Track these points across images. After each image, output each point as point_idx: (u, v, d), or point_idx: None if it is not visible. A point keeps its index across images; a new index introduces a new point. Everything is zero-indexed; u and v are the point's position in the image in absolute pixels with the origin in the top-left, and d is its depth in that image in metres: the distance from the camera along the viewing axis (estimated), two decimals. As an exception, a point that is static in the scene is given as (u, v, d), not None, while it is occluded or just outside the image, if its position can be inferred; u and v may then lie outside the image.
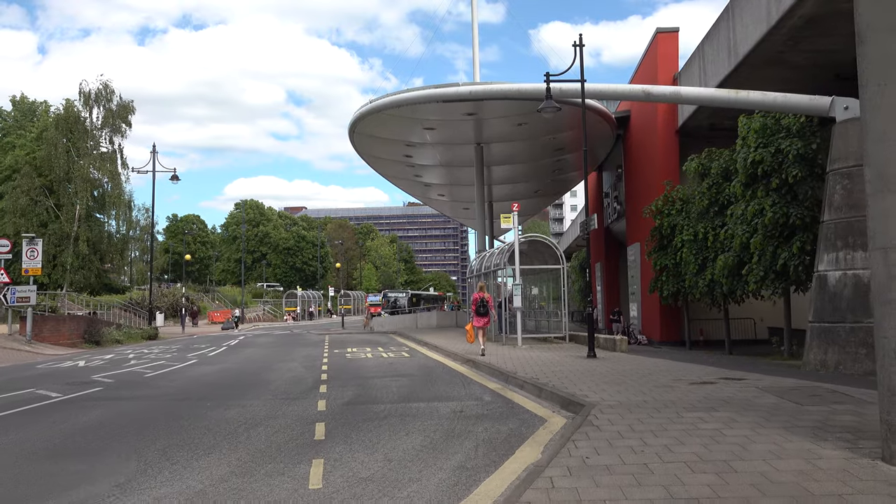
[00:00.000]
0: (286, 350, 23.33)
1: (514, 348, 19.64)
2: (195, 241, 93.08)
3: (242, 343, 28.47)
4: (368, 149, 37.93)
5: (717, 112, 26.55)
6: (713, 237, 21.50)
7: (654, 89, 17.95)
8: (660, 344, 29.54)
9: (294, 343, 27.76)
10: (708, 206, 22.19)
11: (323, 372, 15.28)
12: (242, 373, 15.86)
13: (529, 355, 16.93)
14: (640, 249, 32.85)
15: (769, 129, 17.40)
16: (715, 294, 21.58)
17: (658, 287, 27.09)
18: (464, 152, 35.34)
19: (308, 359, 19.03)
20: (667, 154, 29.82)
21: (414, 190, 52.76)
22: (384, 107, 27.03)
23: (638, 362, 14.73)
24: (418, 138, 33.23)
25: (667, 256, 26.26)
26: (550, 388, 10.51)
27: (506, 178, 42.97)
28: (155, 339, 34.17)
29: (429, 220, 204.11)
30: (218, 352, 23.13)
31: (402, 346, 24.11)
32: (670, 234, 26.01)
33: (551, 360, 15.39)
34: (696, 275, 22.61)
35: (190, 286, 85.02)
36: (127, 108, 36.62)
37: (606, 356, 16.51)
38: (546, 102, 15.88)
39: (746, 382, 10.67)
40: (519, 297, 20.04)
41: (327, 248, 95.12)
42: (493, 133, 32.44)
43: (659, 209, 26.85)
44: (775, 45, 19.60)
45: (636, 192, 34.20)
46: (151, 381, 14.27)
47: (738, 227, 18.49)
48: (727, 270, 19.25)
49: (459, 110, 26.65)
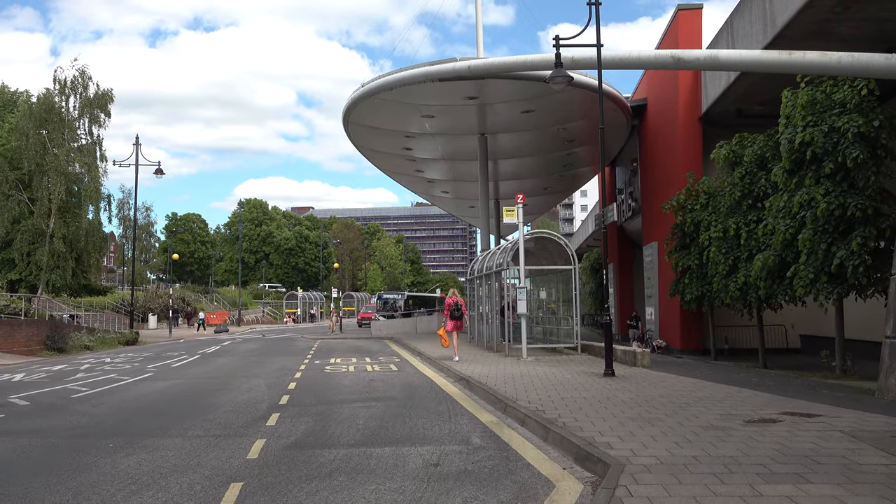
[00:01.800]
0: (262, 360, 20.80)
1: (517, 361, 17.00)
2: (195, 240, 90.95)
3: (221, 350, 25.95)
4: (365, 141, 35.37)
5: (746, 95, 23.84)
6: (747, 234, 18.79)
7: (685, 54, 15.25)
8: (680, 352, 26.82)
9: (277, 351, 25.21)
10: (740, 198, 19.48)
11: (287, 392, 12.72)
12: (193, 392, 13.31)
13: (535, 372, 14.29)
14: (658, 249, 30.14)
15: (819, 105, 14.69)
16: (749, 299, 18.86)
17: (679, 290, 24.38)
18: (467, 144, 32.73)
19: (280, 372, 16.47)
20: (689, 144, 27.09)
21: (417, 187, 50.17)
22: (376, 90, 24.46)
23: (667, 383, 12.06)
24: (417, 128, 30.65)
25: (690, 256, 23.56)
26: (560, 427, 7.89)
27: (513, 174, 40.34)
28: (133, 345, 31.76)
29: (437, 221, 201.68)
30: (186, 362, 20.61)
31: (394, 355, 21.52)
32: (694, 231, 23.30)
33: (561, 380, 12.74)
34: (725, 277, 19.90)
35: (189, 287, 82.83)
36: (106, 96, 34.19)
37: (627, 373, 13.85)
38: (556, 71, 13.25)
39: (822, 421, 8.01)
40: (524, 301, 17.41)
41: (330, 248, 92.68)
42: (498, 122, 29.82)
43: (681, 204, 24.14)
44: (822, 10, 16.86)
45: (653, 186, 31.48)
46: (73, 405, 11.73)
47: (780, 221, 15.79)
48: (766, 272, 16.53)
49: (459, 93, 24.04)
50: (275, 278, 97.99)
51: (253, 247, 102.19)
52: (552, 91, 25.08)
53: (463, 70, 19.56)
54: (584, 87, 24.04)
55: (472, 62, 19.57)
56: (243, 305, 77.73)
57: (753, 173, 19.20)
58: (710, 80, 25.12)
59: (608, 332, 13.74)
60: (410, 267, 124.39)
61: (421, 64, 21.21)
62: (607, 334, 13.67)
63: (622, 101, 29.02)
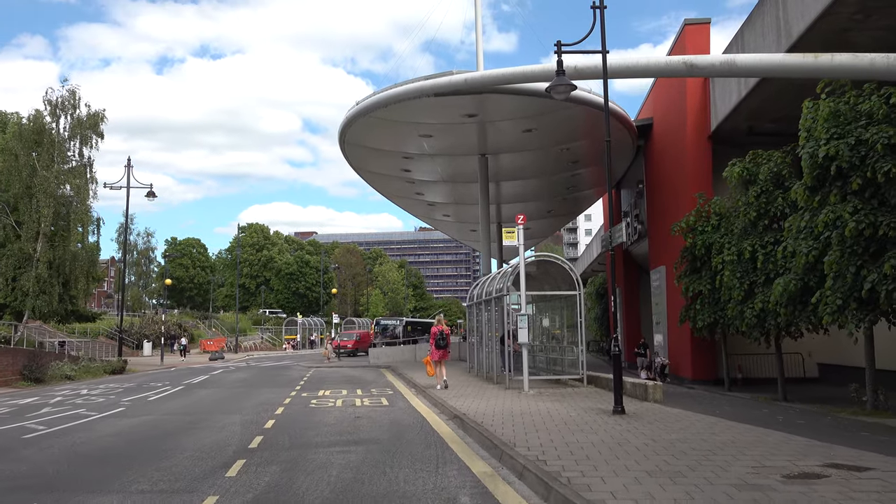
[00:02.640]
0: (248, 392, 19.52)
1: (518, 395, 15.70)
2: (195, 265, 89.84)
3: (208, 381, 24.66)
4: (363, 162, 34.38)
5: (758, 111, 22.78)
6: (764, 257, 17.58)
7: (698, 59, 14.14)
8: (692, 382, 25.47)
9: (266, 381, 23.91)
10: (756, 219, 18.30)
11: (262, 432, 11.46)
12: (158, 432, 12.05)
13: (537, 408, 13.01)
14: (667, 273, 28.91)
15: (844, 117, 13.55)
16: (767, 327, 17.57)
17: (690, 317, 23.11)
18: (467, 165, 31.70)
19: (261, 407, 15.19)
20: (698, 163, 25.99)
21: (417, 210, 49.12)
22: (371, 107, 23.46)
23: (684, 423, 10.77)
24: (416, 148, 29.63)
25: (701, 281, 22.33)
26: (563, 484, 6.62)
27: (515, 197, 39.23)
28: (120, 374, 30.44)
29: (440, 246, 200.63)
30: (167, 394, 19.33)
31: (387, 387, 20.22)
32: (705, 254, 22.10)
33: (565, 419, 11.46)
34: (741, 303, 18.63)
35: (188, 313, 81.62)
36: (97, 117, 33.19)
37: (638, 410, 12.56)
38: (557, 79, 12.16)
39: (877, 477, 6.73)
40: (525, 329, 16.14)
41: (331, 273, 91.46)
42: (499, 142, 28.80)
43: (691, 226, 22.97)
44: (841, 18, 15.83)
45: (660, 209, 30.35)
46: (19, 448, 10.48)
47: (802, 242, 14.57)
48: (787, 297, 15.27)
49: (458, 110, 23.02)
50: (275, 304, 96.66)
51: (254, 272, 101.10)
52: (554, 108, 24.12)
53: (459, 84, 18.53)
54: (587, 104, 23.05)
55: (468, 75, 18.53)
56: (242, 332, 76.39)
57: (770, 192, 18.04)
58: (719, 96, 24.08)
59: (617, 364, 12.48)
60: (413, 292, 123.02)
61: (416, 79, 20.23)
62: (616, 367, 12.41)
63: (627, 119, 27.99)
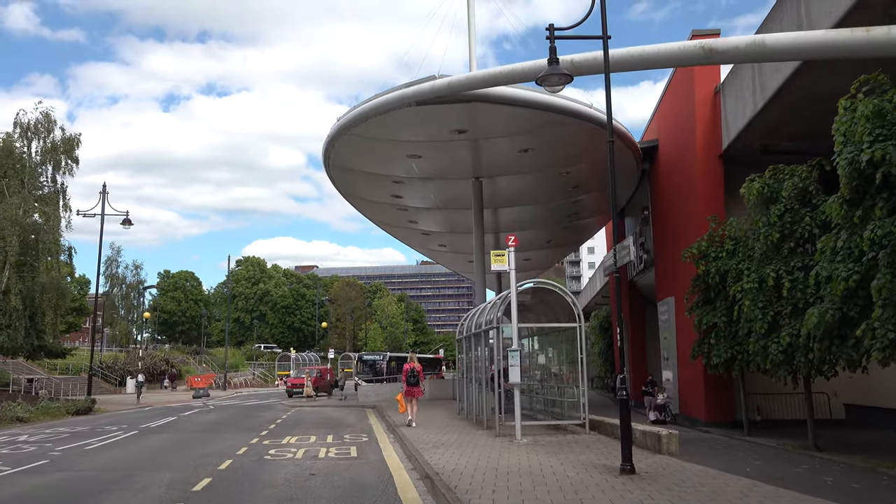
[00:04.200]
0: (203, 438, 17.23)
1: (509, 445, 13.44)
2: (187, 298, 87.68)
3: (170, 424, 22.36)
4: (352, 188, 32.48)
5: (774, 126, 20.73)
6: (790, 283, 15.38)
7: (719, 44, 12.09)
8: (706, 425, 23.05)
9: (234, 424, 21.61)
10: (779, 241, 16.14)
11: (186, 497, 9.26)
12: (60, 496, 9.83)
13: (528, 464, 10.75)
14: (676, 305, 26.67)
15: (889, 116, 11.51)
16: (796, 364, 15.29)
17: (704, 352, 20.80)
18: (461, 191, 29.72)
19: (205, 460, 12.93)
20: (709, 185, 23.90)
21: (412, 241, 47.11)
22: (351, 123, 21.55)
23: (712, 489, 8.53)
24: (404, 171, 27.67)
25: (716, 312, 20.08)
26: None
27: (512, 224, 37.11)
28: (87, 414, 28.12)
29: (442, 280, 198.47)
30: (111, 441, 17.05)
31: (364, 432, 17.93)
32: (720, 283, 19.90)
33: (561, 482, 9.21)
34: (764, 336, 16.38)
35: (179, 348, 79.32)
36: (72, 141, 31.44)
37: (651, 467, 10.31)
38: (550, 68, 10.17)
39: None
40: (517, 367, 13.93)
41: (327, 306, 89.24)
42: (494, 164, 26.85)
43: (703, 251, 20.81)
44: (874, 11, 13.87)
45: (668, 235, 28.22)
46: None
47: (840, 266, 12.43)
48: (822, 329, 13.05)
49: (445, 124, 21.08)
50: (270, 338, 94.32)
51: (249, 305, 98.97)
52: (551, 124, 22.20)
53: (442, 88, 16.58)
54: (586, 119, 21.19)
55: (452, 78, 16.61)
56: (234, 367, 74.04)
57: (795, 210, 15.92)
58: (731, 111, 22.14)
59: (625, 410, 10.24)
60: (413, 326, 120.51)
61: (396, 87, 18.35)
62: (624, 415, 10.17)
63: (631, 139, 26.05)
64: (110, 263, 75.51)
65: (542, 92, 19.88)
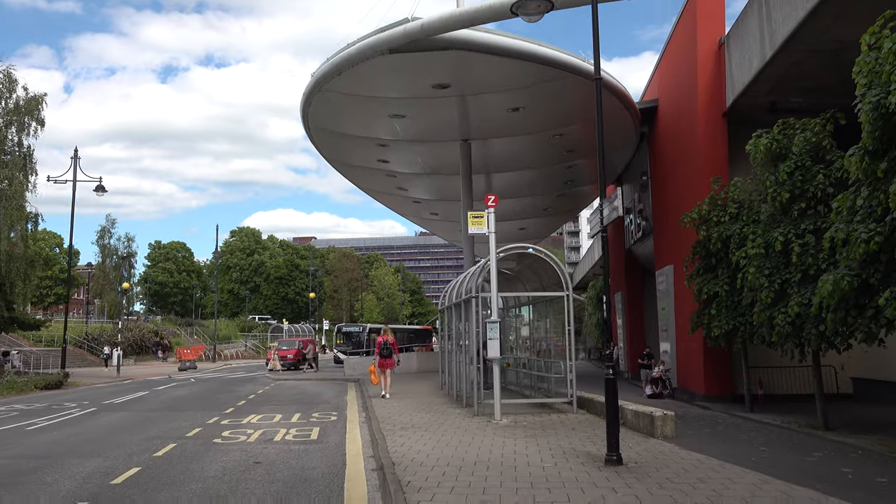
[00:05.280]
0: (161, 417, 15.90)
1: (486, 426, 12.10)
2: (179, 269, 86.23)
3: (135, 400, 21.06)
4: (336, 152, 30.91)
5: (783, 80, 19.14)
6: (801, 248, 13.92)
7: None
8: (704, 399, 21.77)
9: (201, 401, 20.27)
10: (789, 202, 14.64)
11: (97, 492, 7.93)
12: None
13: (499, 454, 9.39)
14: (675, 273, 25.27)
15: (921, 53, 9.95)
16: (806, 336, 13.87)
17: (704, 323, 19.43)
18: (450, 154, 28.12)
19: (146, 444, 11.59)
20: (711, 145, 22.33)
21: (404, 209, 45.57)
22: (324, 78, 19.93)
23: (710, 485, 7.16)
24: (388, 133, 26.09)
25: (717, 281, 18.67)
26: None
27: (505, 191, 35.47)
28: (58, 388, 26.89)
29: (440, 251, 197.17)
30: (59, 420, 15.69)
31: (336, 410, 16.60)
32: (721, 249, 18.45)
33: (533, 477, 7.85)
34: (770, 307, 14.96)
35: (171, 319, 78.17)
36: (37, 101, 29.73)
37: (641, 455, 8.96)
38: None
39: None
40: (496, 341, 12.54)
41: (321, 277, 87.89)
42: (483, 125, 25.24)
43: (704, 216, 19.34)
44: None
45: (667, 201, 26.72)
46: None
47: (860, 226, 10.95)
48: (838, 298, 11.59)
49: (426, 78, 19.46)
50: (265, 309, 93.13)
51: (244, 277, 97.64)
52: (541, 79, 20.59)
53: (415, 32, 14.92)
54: (579, 73, 19.54)
55: (424, 20, 14.95)
56: (227, 339, 73.06)
57: (806, 168, 14.39)
58: (737, 64, 20.50)
59: (611, 392, 8.83)
60: (410, 297, 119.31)
61: (368, 34, 16.65)
62: (611, 396, 8.77)
63: (628, 97, 24.38)
64: (103, 234, 74.12)
65: (527, 41, 18.29)
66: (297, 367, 39.32)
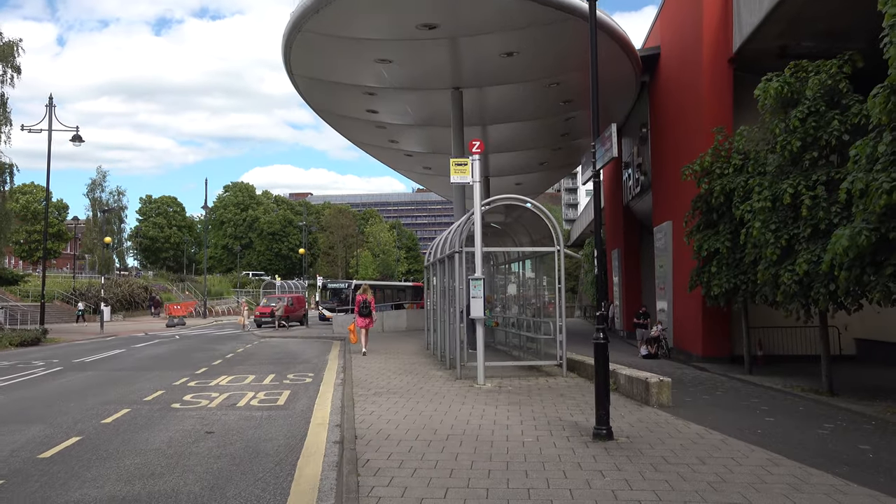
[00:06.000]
0: (127, 377, 14.98)
1: (468, 392, 11.19)
2: (170, 224, 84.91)
3: (107, 359, 20.20)
4: (324, 101, 29.53)
5: (796, 21, 17.86)
6: (811, 201, 12.85)
7: None
8: (701, 360, 20.99)
9: (176, 360, 19.38)
10: (800, 150, 13.51)
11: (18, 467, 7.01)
12: None
13: (476, 425, 8.47)
14: (674, 230, 24.28)
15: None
16: (815, 296, 12.88)
17: (703, 281, 18.51)
18: (442, 104, 26.79)
19: (96, 411, 10.68)
20: (715, 94, 21.10)
21: (397, 163, 44.20)
22: (303, 17, 18.57)
23: (710, 465, 6.25)
24: (376, 80, 24.72)
25: (719, 237, 17.70)
26: None
27: (501, 144, 34.30)
28: (35, 345, 26.04)
29: (438, 207, 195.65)
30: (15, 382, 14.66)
31: (314, 371, 15.69)
32: (724, 203, 17.42)
33: (511, 454, 6.92)
34: (775, 264, 13.95)
35: (163, 274, 77.32)
36: (11, 47, 28.23)
37: (634, 427, 8.05)
38: None
39: None
40: (480, 300, 11.55)
41: (315, 233, 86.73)
42: (475, 71, 23.86)
43: (706, 168, 18.25)
44: None
45: (668, 154, 25.56)
46: None
47: (880, 175, 9.88)
48: (854, 254, 10.56)
49: (412, 16, 18.15)
50: (258, 266, 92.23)
51: (238, 232, 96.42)
52: (537, 20, 19.25)
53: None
54: (576, 14, 18.18)
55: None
56: (219, 295, 72.30)
57: (820, 113, 13.22)
58: (745, 4, 19.15)
59: (601, 357, 7.84)
60: (406, 254, 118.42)
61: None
62: (601, 362, 7.78)
63: (628, 42, 22.98)
64: (94, 187, 72.73)
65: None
66: (285, 325, 38.58)
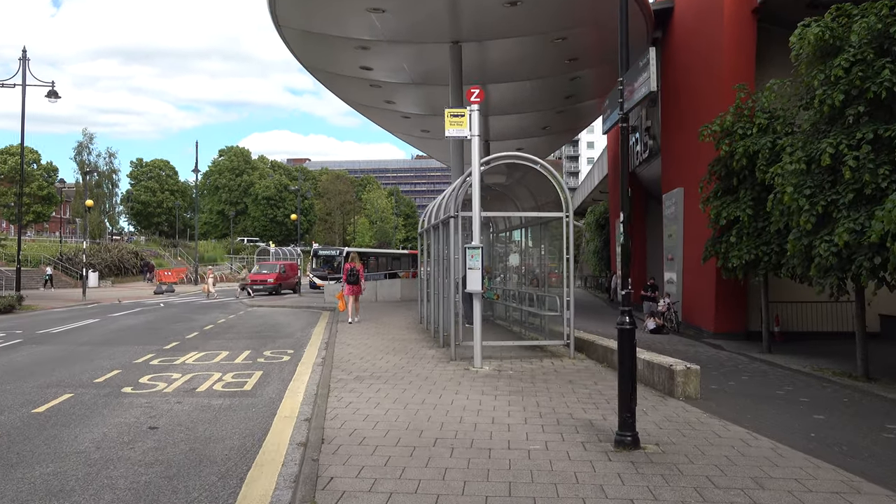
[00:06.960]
0: (86, 354, 13.55)
1: (463, 377, 9.77)
2: (163, 188, 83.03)
3: (75, 330, 18.76)
4: (315, 58, 27.73)
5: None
6: (855, 162, 11.29)
7: None
8: (713, 336, 19.64)
9: (147, 332, 17.91)
10: (843, 105, 11.90)
11: None
12: None
13: (470, 423, 7.05)
14: (686, 197, 22.81)
15: None
16: (856, 269, 11.38)
17: (720, 252, 17.05)
18: (440, 59, 25.04)
19: (32, 396, 9.26)
20: (737, 48, 19.42)
21: (395, 125, 42.35)
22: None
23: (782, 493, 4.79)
24: (369, 32, 22.95)
25: (739, 204, 16.19)
26: None
27: (501, 106, 32.55)
28: (9, 313, 24.64)
29: (437, 174, 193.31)
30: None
31: (294, 347, 14.25)
32: (746, 167, 15.87)
33: (517, 463, 5.49)
34: (810, 234, 12.44)
35: (156, 240, 75.81)
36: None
37: (664, 429, 6.63)
38: None
39: None
40: (477, 271, 10.08)
41: (311, 199, 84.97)
42: (475, 22, 22.09)
43: (727, 129, 16.66)
44: None
45: (680, 117, 23.93)
46: None
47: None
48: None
49: (405, -44, 16.39)
50: (253, 231, 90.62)
51: (233, 198, 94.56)
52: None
53: None
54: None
55: None
56: (212, 261, 70.84)
57: (868, 62, 11.58)
58: (774, -53, 17.40)
59: (627, 348, 6.35)
60: (404, 221, 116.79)
61: None
62: (626, 354, 6.31)
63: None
64: (81, 150, 70.86)
65: None
66: (276, 293, 37.23)
